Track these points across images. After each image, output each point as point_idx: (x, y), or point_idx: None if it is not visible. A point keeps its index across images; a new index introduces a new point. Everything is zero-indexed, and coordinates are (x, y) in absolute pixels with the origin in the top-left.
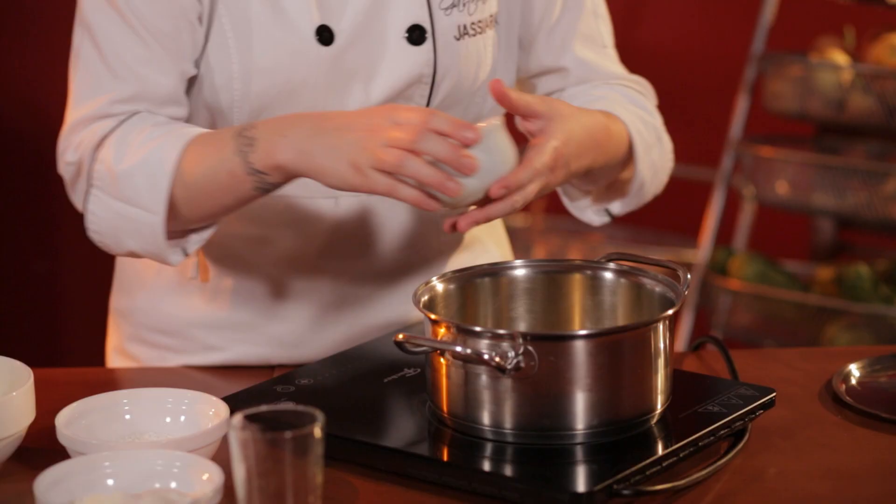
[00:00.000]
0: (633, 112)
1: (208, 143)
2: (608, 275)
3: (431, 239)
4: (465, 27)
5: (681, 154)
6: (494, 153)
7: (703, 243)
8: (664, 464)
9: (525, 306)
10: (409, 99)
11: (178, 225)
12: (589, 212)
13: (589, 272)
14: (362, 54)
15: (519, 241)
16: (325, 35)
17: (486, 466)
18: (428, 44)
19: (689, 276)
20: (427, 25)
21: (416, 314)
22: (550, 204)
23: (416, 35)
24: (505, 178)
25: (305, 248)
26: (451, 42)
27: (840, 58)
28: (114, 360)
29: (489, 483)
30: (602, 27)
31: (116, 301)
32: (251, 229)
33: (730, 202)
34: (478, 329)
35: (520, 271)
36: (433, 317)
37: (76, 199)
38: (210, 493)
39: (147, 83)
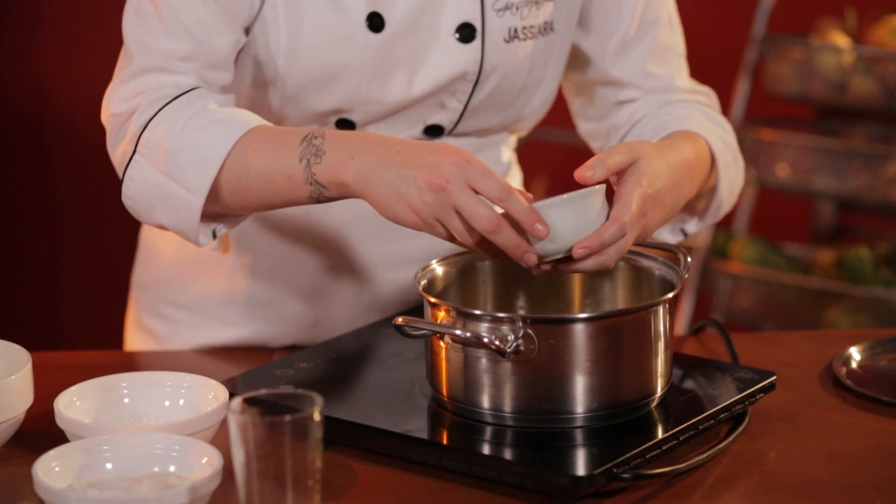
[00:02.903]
0: (713, 132)
1: (271, 140)
2: None
3: None
4: (515, 30)
5: None
6: (583, 218)
7: None
8: (664, 447)
9: (525, 289)
10: (451, 94)
11: (216, 209)
12: (664, 231)
13: None
14: (410, 45)
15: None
16: (375, 22)
17: (486, 450)
18: (476, 42)
19: (689, 259)
20: (478, 24)
21: None
22: (551, 187)
23: (465, 33)
24: (589, 239)
25: (327, 231)
26: (500, 44)
27: (841, 40)
28: (132, 332)
29: (489, 467)
30: (677, 37)
31: (137, 274)
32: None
33: None
34: (477, 312)
35: None
36: (433, 300)
37: (116, 157)
38: (209, 477)
39: (201, 44)
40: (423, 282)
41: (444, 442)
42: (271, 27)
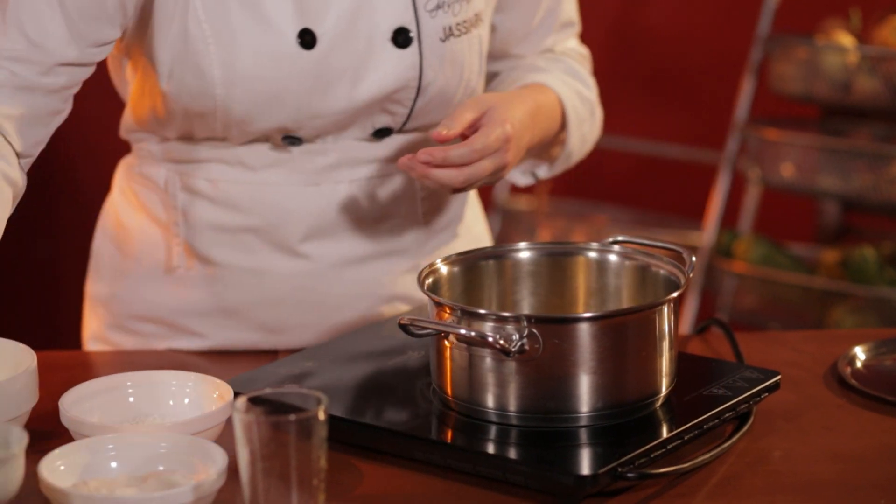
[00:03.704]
0: (570, 85)
1: None
2: (613, 257)
3: (414, 219)
4: (450, 28)
5: (686, 136)
6: None
7: (708, 226)
8: (669, 447)
9: (529, 289)
10: (395, 102)
11: None
12: (516, 173)
13: (594, 255)
14: (347, 57)
15: (523, 224)
16: (306, 38)
17: (491, 449)
18: (414, 46)
19: (694, 258)
20: (413, 28)
21: (401, 297)
22: (555, 187)
23: (401, 38)
24: (435, 150)
25: (288, 235)
26: (437, 44)
27: (846, 40)
28: (92, 348)
29: (493, 466)
30: (573, 7)
31: (94, 288)
32: (234, 218)
33: (735, 185)
34: (482, 311)
35: (524, 254)
36: (437, 299)
37: None
38: (214, 477)
39: (38, 51)
40: (428, 281)
41: (449, 441)
42: (203, 58)
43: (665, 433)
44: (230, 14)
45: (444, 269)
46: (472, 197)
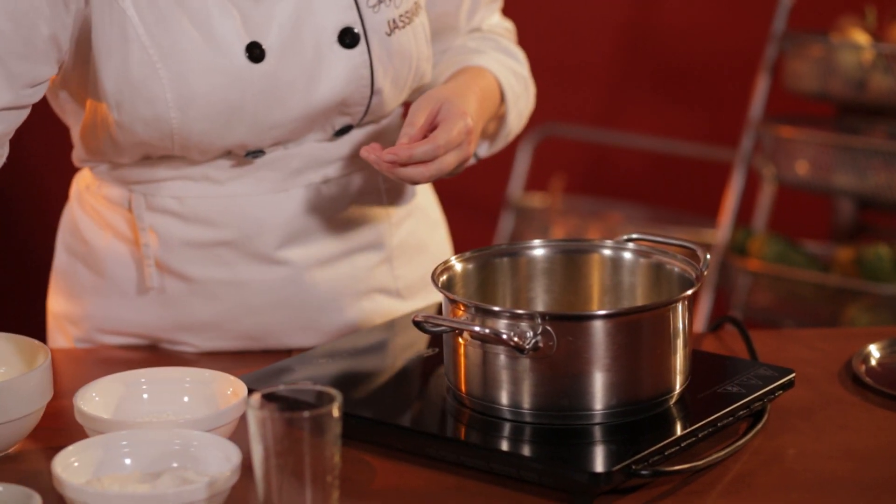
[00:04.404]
0: (504, 64)
1: None
2: (627, 255)
3: (381, 214)
4: (394, 21)
5: (701, 133)
6: None
7: (722, 223)
8: (683, 444)
9: (543, 286)
10: (351, 103)
11: None
12: None
13: (608, 252)
14: (297, 66)
15: (537, 222)
16: (255, 52)
17: (505, 446)
18: (361, 45)
19: (708, 256)
20: (357, 26)
21: (379, 289)
22: (570, 184)
23: (348, 38)
24: (399, 148)
25: (264, 244)
26: (384, 39)
27: (861, 38)
28: None
29: (507, 463)
30: None
31: (60, 305)
32: (206, 233)
33: (750, 182)
34: (496, 309)
35: (538, 251)
36: (452, 296)
37: None
38: (228, 473)
39: None
40: (443, 278)
41: (463, 438)
42: (154, 83)
43: (679, 431)
44: (175, 35)
45: (458, 267)
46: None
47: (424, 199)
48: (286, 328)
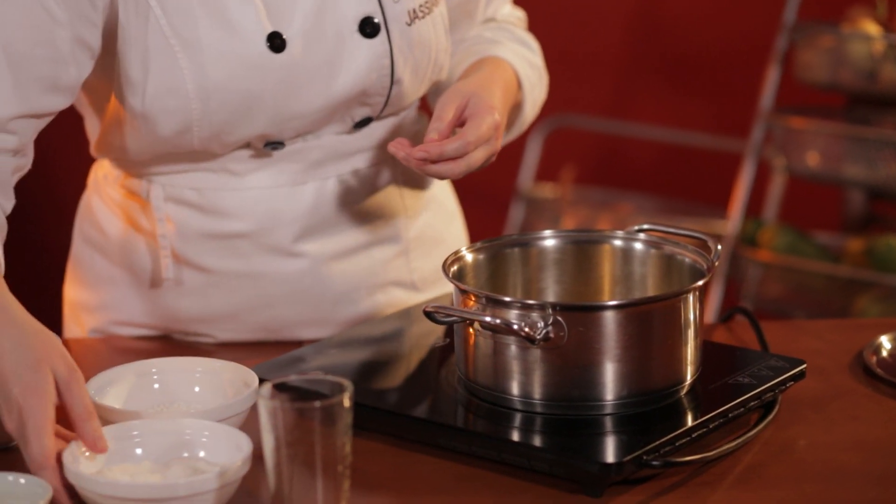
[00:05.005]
0: (520, 54)
1: None
2: (638, 245)
3: (398, 206)
4: (414, 11)
5: (711, 124)
6: None
7: (733, 214)
8: (694, 435)
9: (554, 277)
10: (372, 93)
11: None
12: None
13: (619, 243)
14: (318, 56)
15: (548, 212)
16: (276, 42)
17: (515, 437)
18: (382, 35)
19: (719, 247)
20: (378, 16)
21: (395, 282)
22: (580, 175)
23: (368, 28)
24: (429, 146)
25: (282, 236)
26: (404, 29)
27: (872, 28)
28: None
29: (518, 453)
30: None
31: (76, 294)
32: (224, 224)
33: (760, 173)
34: (507, 299)
35: (549, 242)
36: (463, 287)
37: None
38: (239, 463)
39: None
40: (454, 268)
41: (474, 428)
42: (174, 74)
43: (690, 421)
44: (196, 25)
45: (469, 257)
46: None
47: (441, 192)
48: (302, 320)
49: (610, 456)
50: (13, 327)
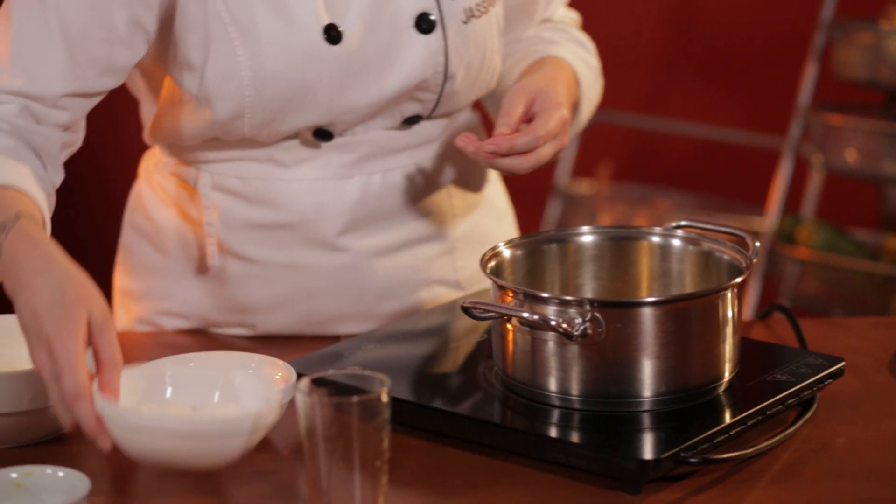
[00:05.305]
0: (578, 56)
1: None
2: (676, 242)
3: (444, 205)
4: (471, 10)
5: (749, 121)
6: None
7: (770, 211)
8: (732, 432)
9: (592, 273)
10: (424, 89)
11: None
12: None
13: (656, 239)
14: (373, 49)
15: (584, 209)
16: (332, 34)
17: (553, 433)
18: (438, 31)
19: (757, 244)
20: (435, 13)
21: (434, 277)
22: (617, 171)
23: (424, 24)
24: (499, 139)
25: (326, 229)
26: (460, 27)
27: None
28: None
29: (555, 450)
30: None
31: (124, 282)
32: (269, 215)
33: (798, 170)
34: (545, 295)
35: (587, 238)
36: (501, 283)
37: None
38: (268, 409)
39: (34, 83)
40: (491, 264)
41: (511, 424)
42: (230, 61)
43: (728, 419)
44: (254, 13)
45: (506, 253)
46: (492, 173)
47: (492, 191)
48: (342, 315)
49: (648, 453)
50: (53, 271)
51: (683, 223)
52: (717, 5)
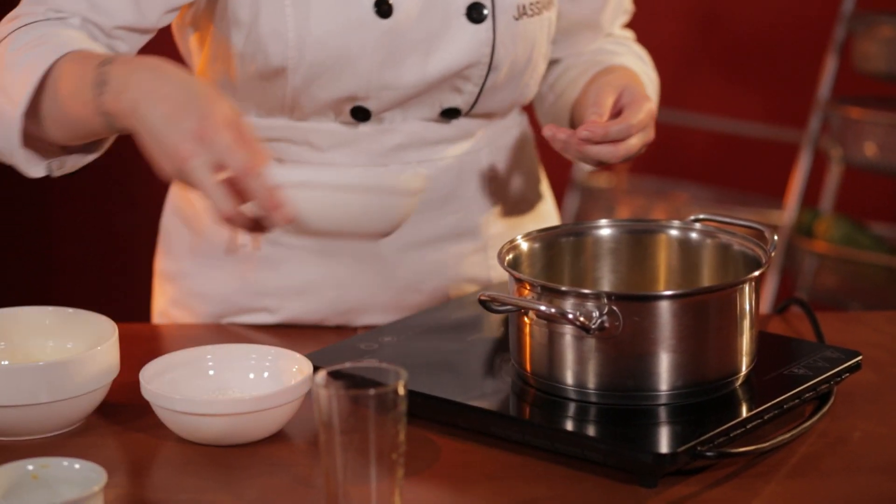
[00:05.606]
0: (640, 68)
1: (77, 63)
2: (694, 235)
3: (480, 203)
4: (524, 7)
5: (768, 114)
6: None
7: (789, 205)
8: (748, 426)
9: (609, 266)
10: (466, 78)
11: (44, 133)
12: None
13: (674, 232)
14: (421, 29)
15: (602, 202)
16: (383, 7)
17: (569, 426)
18: (487, 22)
19: (775, 237)
20: (487, 4)
21: (465, 275)
22: (635, 164)
23: (475, 13)
24: (592, 125)
25: None
26: (511, 22)
27: None
28: (159, 322)
29: (572, 443)
30: None
31: (162, 265)
32: None
33: (816, 163)
34: (563, 288)
35: (604, 231)
36: (518, 275)
37: None
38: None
39: (96, 9)
40: (509, 257)
41: (527, 417)
42: (278, 19)
43: (745, 412)
44: None
45: (524, 246)
46: (537, 174)
47: (534, 193)
48: (368, 305)
49: (664, 446)
50: (176, 75)
51: (701, 216)
52: None
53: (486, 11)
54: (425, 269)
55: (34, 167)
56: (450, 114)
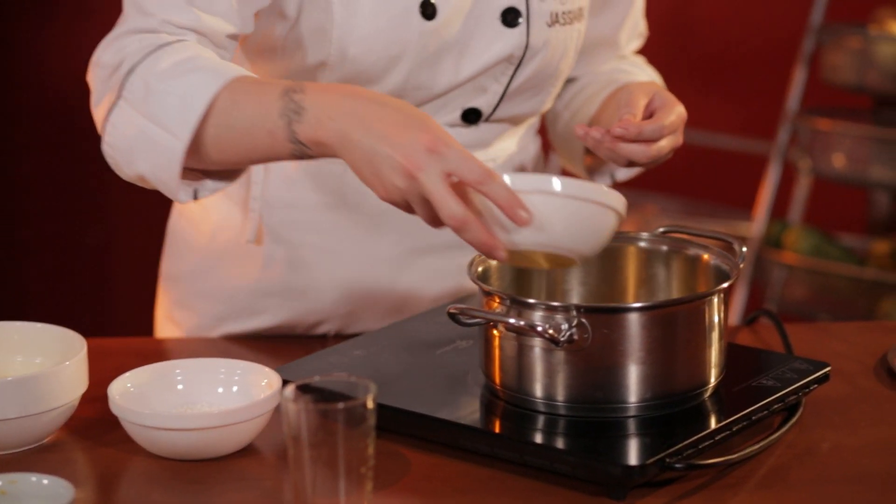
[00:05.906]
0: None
1: (253, 91)
2: (663, 247)
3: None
4: (556, 15)
5: (736, 126)
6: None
7: (757, 216)
8: (717, 437)
9: (578, 278)
10: (493, 78)
11: (199, 163)
12: (607, 175)
13: (643, 244)
14: (458, 31)
15: None
16: (428, 10)
17: (538, 439)
18: (521, 27)
19: (744, 249)
20: (522, 9)
21: (468, 286)
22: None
23: (510, 17)
24: (626, 123)
25: (361, 216)
26: (543, 28)
27: None
28: (162, 326)
29: (541, 456)
30: (641, 12)
31: (168, 266)
32: (309, 195)
33: (785, 175)
34: (531, 301)
35: None
36: (487, 288)
37: (101, 109)
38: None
39: (202, 22)
40: (478, 270)
41: (497, 430)
42: (324, 15)
43: (713, 424)
44: None
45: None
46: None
47: None
48: (370, 309)
49: (633, 458)
50: (378, 97)
51: (670, 228)
52: (707, 11)
53: (521, 20)
54: (428, 275)
55: (183, 193)
56: (470, 117)
